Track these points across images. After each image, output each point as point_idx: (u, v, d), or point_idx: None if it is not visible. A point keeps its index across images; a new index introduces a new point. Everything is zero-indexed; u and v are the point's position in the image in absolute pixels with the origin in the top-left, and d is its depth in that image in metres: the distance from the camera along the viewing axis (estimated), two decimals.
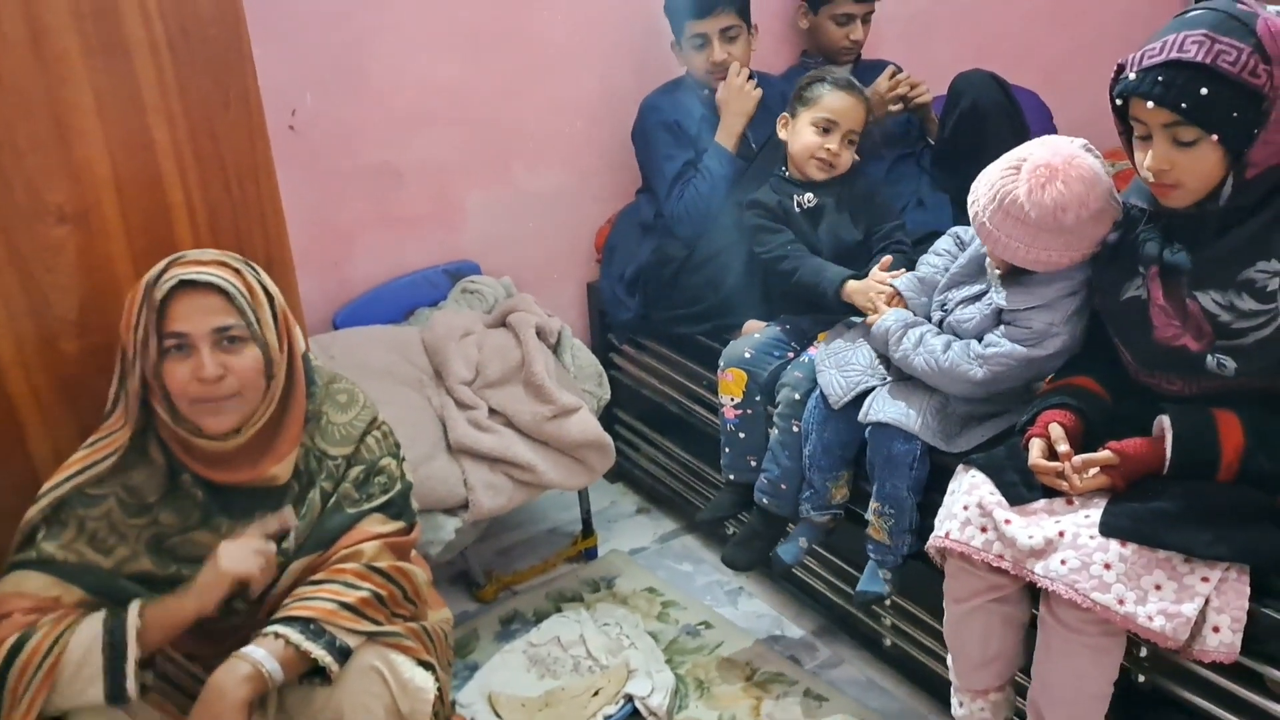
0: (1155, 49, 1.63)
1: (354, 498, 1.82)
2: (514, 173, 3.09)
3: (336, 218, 2.85)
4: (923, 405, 2.10)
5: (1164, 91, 1.60)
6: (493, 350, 2.69)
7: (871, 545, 2.20)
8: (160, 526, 1.71)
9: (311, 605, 1.69)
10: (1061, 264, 1.93)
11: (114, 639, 1.59)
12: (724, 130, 2.85)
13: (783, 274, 2.46)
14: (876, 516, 2.16)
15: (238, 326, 1.67)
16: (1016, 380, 2.04)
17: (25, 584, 1.64)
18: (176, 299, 1.65)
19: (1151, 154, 1.67)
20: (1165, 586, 1.63)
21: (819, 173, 2.46)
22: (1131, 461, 1.74)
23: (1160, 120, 1.64)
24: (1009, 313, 2.01)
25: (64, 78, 1.78)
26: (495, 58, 2.95)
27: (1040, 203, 1.85)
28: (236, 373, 1.67)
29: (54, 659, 1.56)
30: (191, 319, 1.65)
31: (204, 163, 1.95)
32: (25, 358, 1.82)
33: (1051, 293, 1.97)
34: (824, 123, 2.44)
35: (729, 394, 2.46)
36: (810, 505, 2.30)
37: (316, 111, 2.72)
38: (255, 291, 1.71)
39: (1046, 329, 1.98)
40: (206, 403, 1.67)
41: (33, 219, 1.79)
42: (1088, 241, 1.90)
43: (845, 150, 2.46)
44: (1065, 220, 1.85)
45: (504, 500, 2.54)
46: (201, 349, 1.65)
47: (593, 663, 2.46)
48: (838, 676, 2.47)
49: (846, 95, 2.43)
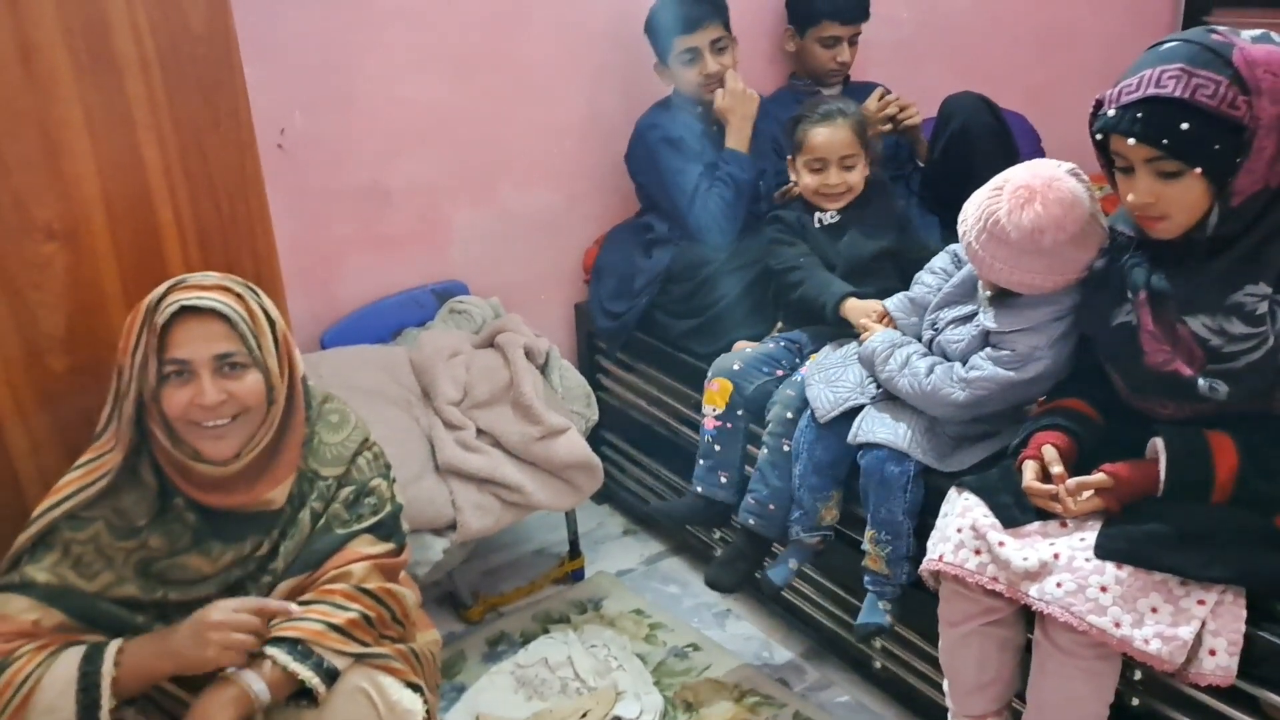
0: (1132, 85, 1.63)
1: (344, 518, 1.80)
2: (501, 193, 3.09)
3: (324, 237, 2.84)
4: (912, 424, 2.10)
5: (1144, 128, 1.61)
6: (481, 371, 2.68)
7: (869, 577, 2.19)
8: (149, 550, 1.69)
9: (300, 626, 1.67)
10: (1045, 287, 1.94)
11: (88, 683, 1.56)
12: (734, 136, 2.86)
13: (790, 285, 2.50)
14: (873, 544, 2.15)
15: (239, 353, 1.66)
16: (999, 404, 2.04)
17: (6, 607, 1.62)
18: (178, 325, 1.63)
19: (1135, 190, 1.67)
20: (1161, 609, 1.63)
21: (834, 204, 2.53)
22: (1126, 484, 1.74)
23: (1142, 155, 1.65)
24: (995, 335, 2.02)
25: (54, 94, 1.77)
26: (483, 79, 2.95)
27: (1019, 224, 1.86)
28: (238, 398, 1.65)
29: (26, 693, 1.54)
30: (193, 345, 1.63)
31: (194, 181, 1.94)
32: (11, 375, 1.81)
33: (1038, 316, 1.97)
34: (814, 163, 2.51)
35: (712, 404, 2.48)
36: (800, 526, 2.29)
37: (305, 131, 2.71)
38: (257, 317, 1.69)
39: (1030, 352, 1.98)
40: (206, 427, 1.65)
41: (21, 236, 1.78)
42: (1070, 265, 1.91)
43: (848, 174, 2.50)
44: (1043, 242, 1.86)
45: (492, 521, 2.53)
46: (202, 375, 1.63)
47: (580, 684, 2.44)
48: (827, 699, 2.46)
49: (825, 127, 2.48)
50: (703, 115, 2.92)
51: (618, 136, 3.08)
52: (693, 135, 2.91)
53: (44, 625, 1.62)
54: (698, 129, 2.92)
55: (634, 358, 3.07)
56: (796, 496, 2.28)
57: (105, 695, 1.56)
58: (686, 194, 2.84)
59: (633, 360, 3.08)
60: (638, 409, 3.09)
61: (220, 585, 1.72)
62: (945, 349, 2.12)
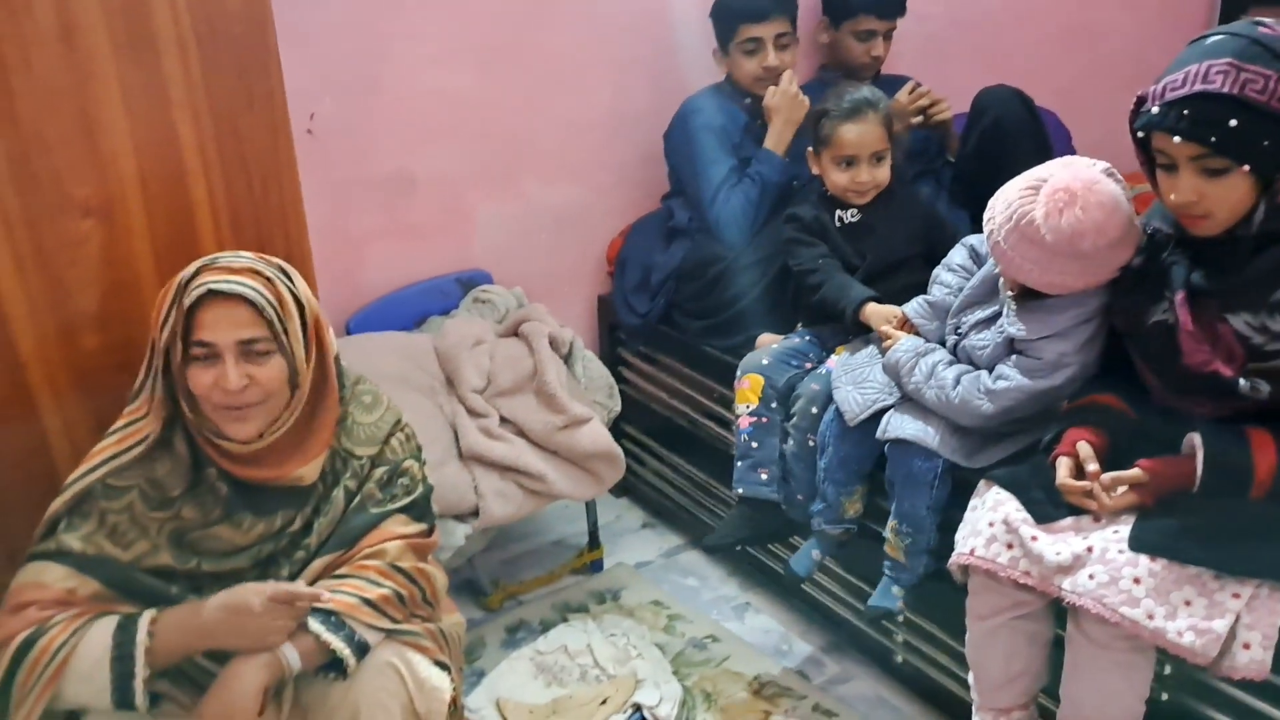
0: (1178, 80, 1.61)
1: (378, 498, 1.82)
2: (526, 185, 3.09)
3: (350, 223, 2.85)
4: (941, 421, 2.09)
5: (1190, 126, 1.59)
6: (505, 359, 2.69)
7: (888, 563, 2.19)
8: (182, 520, 1.70)
9: (334, 598, 1.69)
10: (1076, 288, 1.91)
11: (122, 653, 1.58)
12: (774, 137, 2.84)
13: (809, 287, 2.45)
14: (894, 535, 2.15)
15: (264, 339, 1.65)
16: (1027, 411, 2.01)
17: (43, 575, 1.63)
18: (205, 307, 1.63)
19: (1178, 189, 1.65)
20: (1195, 602, 1.62)
21: (862, 200, 2.47)
22: (1161, 480, 1.72)
23: (1187, 153, 1.62)
24: (1021, 342, 1.99)
25: (92, 72, 1.78)
26: (509, 71, 2.95)
27: (1057, 228, 1.82)
28: (261, 383, 1.66)
29: (62, 661, 1.56)
30: (218, 329, 1.63)
31: (227, 162, 1.95)
32: (46, 351, 1.82)
33: (1065, 320, 1.95)
34: (843, 159, 2.43)
35: (745, 401, 2.43)
36: (823, 519, 2.29)
37: (334, 117, 2.72)
38: (285, 302, 1.68)
39: (1058, 359, 1.96)
40: (230, 409, 1.66)
41: (58, 213, 1.79)
42: (1105, 268, 1.88)
43: (876, 170, 2.44)
44: (1082, 247, 1.82)
45: (514, 508, 2.53)
46: (227, 359, 1.63)
47: (600, 672, 2.45)
48: (847, 692, 2.46)
49: (856, 123, 2.41)
50: (750, 108, 2.92)
51: (643, 130, 3.08)
52: (735, 127, 2.90)
53: (79, 594, 1.63)
54: (742, 121, 2.92)
55: (656, 350, 3.07)
56: (820, 489, 2.28)
57: (139, 665, 1.57)
58: (713, 185, 2.84)
59: (654, 353, 3.08)
60: (659, 402, 3.09)
61: (253, 558, 1.73)
62: (970, 354, 2.09)
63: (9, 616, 1.61)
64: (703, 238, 2.90)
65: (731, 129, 2.89)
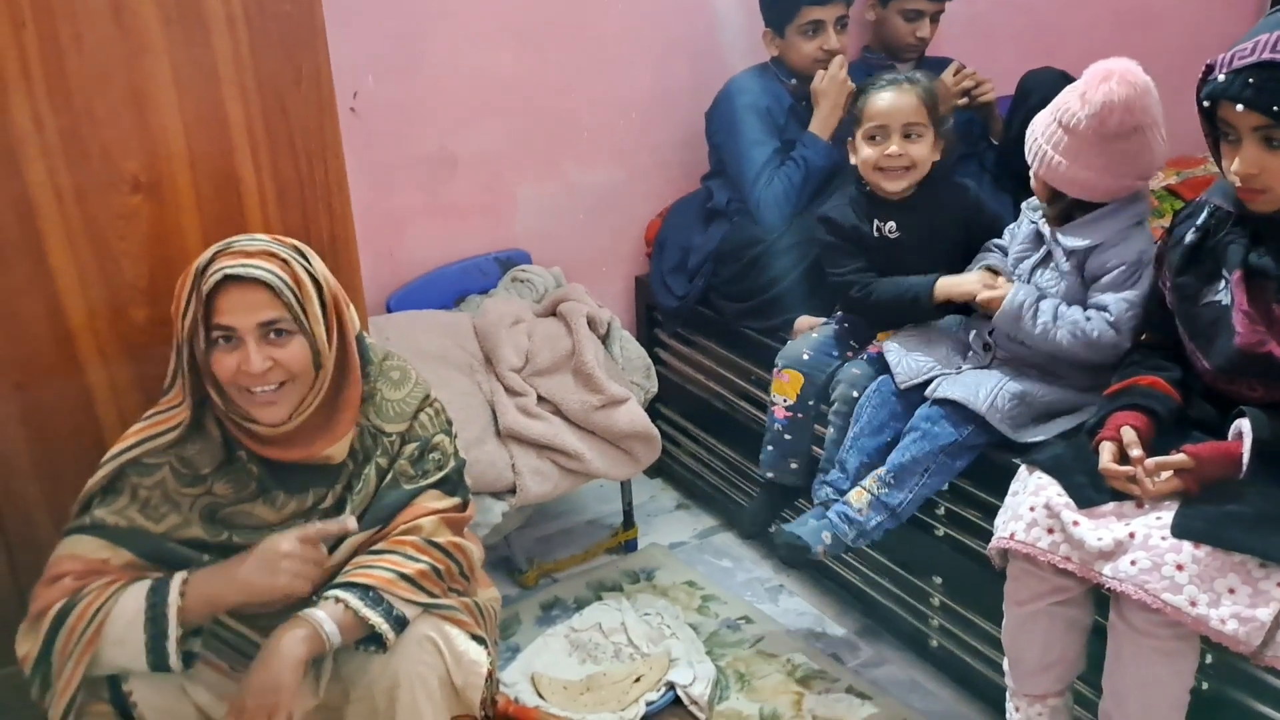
0: (1246, 49, 1.60)
1: (410, 474, 1.83)
2: (565, 166, 3.11)
3: (392, 202, 2.87)
4: (996, 389, 2.07)
5: (1255, 94, 1.57)
6: (543, 338, 2.70)
7: (840, 505, 2.18)
8: (214, 497, 1.72)
9: (372, 574, 1.70)
10: (1099, 188, 1.98)
11: (156, 614, 1.60)
12: (819, 122, 2.83)
13: (855, 300, 2.35)
14: (873, 480, 2.15)
15: (284, 320, 1.66)
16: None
17: (77, 547, 1.66)
18: (223, 292, 1.64)
19: (1240, 158, 1.64)
20: (1239, 590, 1.61)
21: (894, 183, 2.29)
22: (1207, 465, 1.71)
23: (1250, 123, 1.61)
24: (1091, 260, 2.04)
25: (142, 48, 1.79)
26: (551, 51, 2.96)
27: (1091, 100, 1.91)
28: (284, 364, 1.67)
29: (97, 626, 1.58)
30: (237, 314, 1.64)
31: (274, 139, 1.96)
32: (96, 324, 1.84)
33: (1110, 228, 2.02)
34: (873, 130, 2.28)
35: (783, 394, 2.44)
36: (831, 489, 2.26)
37: (376, 95, 2.74)
38: (303, 283, 1.68)
39: (1139, 258, 2.01)
40: (255, 393, 1.67)
41: (108, 188, 1.80)
42: (1127, 167, 1.96)
43: (911, 146, 2.26)
44: (1110, 122, 1.90)
45: (550, 487, 2.55)
46: (248, 342, 1.64)
47: (634, 650, 2.46)
48: (881, 676, 2.46)
49: (888, 92, 2.27)
50: (795, 89, 2.91)
51: (683, 111, 3.08)
52: (780, 109, 2.89)
53: (113, 563, 1.66)
54: (787, 103, 2.91)
55: (693, 332, 3.08)
56: (841, 456, 2.26)
57: (172, 625, 1.60)
58: (755, 166, 2.83)
59: (691, 334, 3.09)
60: (696, 383, 3.09)
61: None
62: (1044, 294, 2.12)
63: (45, 588, 1.64)
64: (741, 219, 2.89)
65: (776, 110, 2.88)
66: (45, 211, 1.75)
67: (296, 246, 1.73)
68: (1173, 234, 1.90)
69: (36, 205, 1.75)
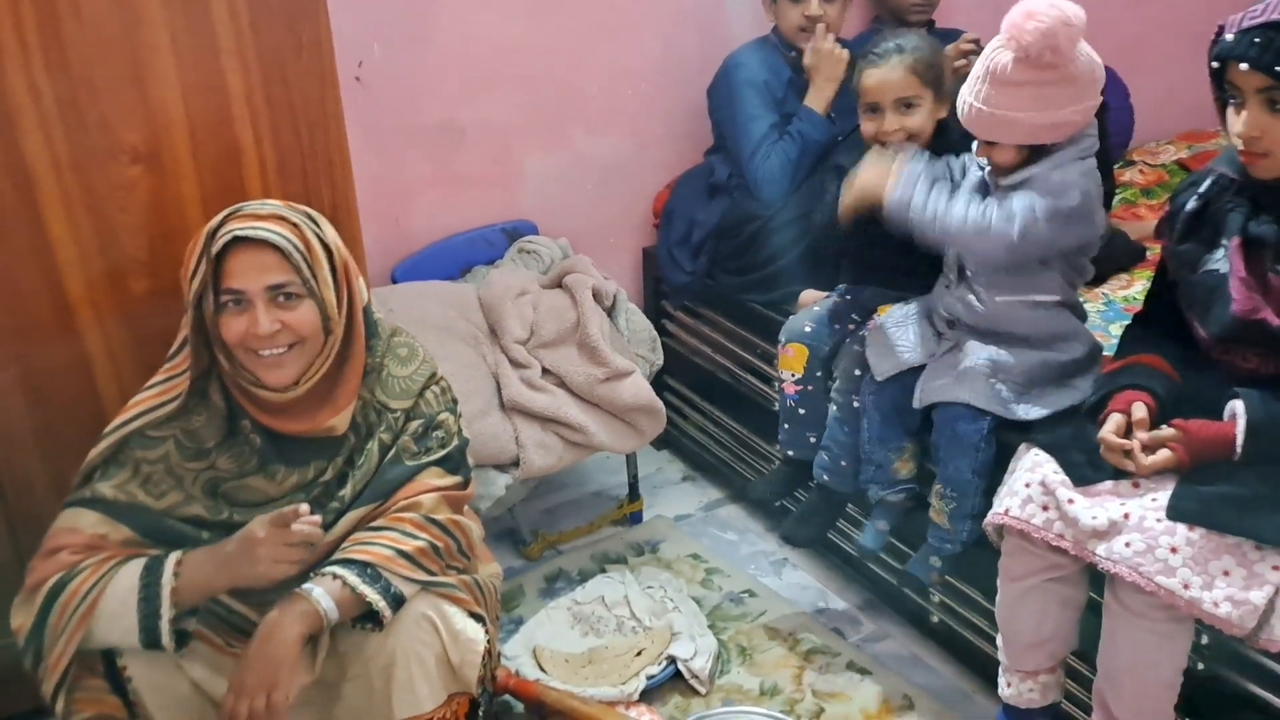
0: (1257, 10, 1.59)
1: (413, 450, 1.83)
2: (574, 136, 3.09)
3: (398, 172, 2.86)
4: (973, 376, 2.06)
5: (1260, 54, 1.56)
6: (548, 311, 2.69)
7: (931, 529, 2.18)
8: (216, 471, 1.73)
9: (370, 550, 1.71)
10: (1072, 122, 1.91)
11: (149, 593, 1.61)
12: (815, 94, 2.80)
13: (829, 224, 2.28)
14: (939, 499, 2.13)
15: (293, 284, 1.67)
16: (1046, 244, 1.97)
17: (76, 520, 1.67)
18: (233, 255, 1.64)
19: (1243, 119, 1.63)
20: (1234, 573, 1.60)
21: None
22: (1196, 440, 1.70)
23: (1254, 84, 1.60)
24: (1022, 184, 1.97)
25: (142, 17, 1.79)
26: (559, 20, 2.94)
27: (1026, 44, 1.82)
28: (292, 328, 1.67)
29: (91, 601, 1.59)
30: (247, 276, 1.65)
31: (275, 109, 1.96)
32: (95, 296, 1.85)
33: (1052, 161, 1.95)
34: (867, 106, 2.27)
35: (789, 369, 2.42)
36: (877, 485, 2.27)
37: (382, 64, 2.73)
38: (313, 247, 1.69)
39: (1063, 179, 1.94)
40: (263, 355, 1.67)
41: (107, 158, 1.81)
42: (1053, 102, 1.87)
43: (907, 118, 2.22)
44: (1059, 47, 1.81)
45: (554, 460, 2.55)
46: (257, 305, 1.65)
47: (636, 623, 2.47)
48: (881, 651, 2.47)
49: (875, 67, 2.23)
50: (795, 61, 2.87)
51: (693, 81, 3.05)
52: (779, 82, 2.86)
53: (111, 539, 1.67)
54: (786, 76, 2.87)
55: (700, 304, 3.07)
56: (866, 452, 2.26)
57: (165, 604, 1.61)
58: (753, 141, 2.81)
59: (698, 306, 3.08)
60: (702, 355, 3.09)
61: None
62: None
63: (42, 560, 1.65)
64: (741, 195, 2.88)
65: (775, 84, 2.85)
66: (43, 182, 1.76)
67: (308, 212, 1.74)
68: (1175, 201, 1.89)
69: (35, 176, 1.76)
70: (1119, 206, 3.30)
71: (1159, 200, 3.32)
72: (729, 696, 2.32)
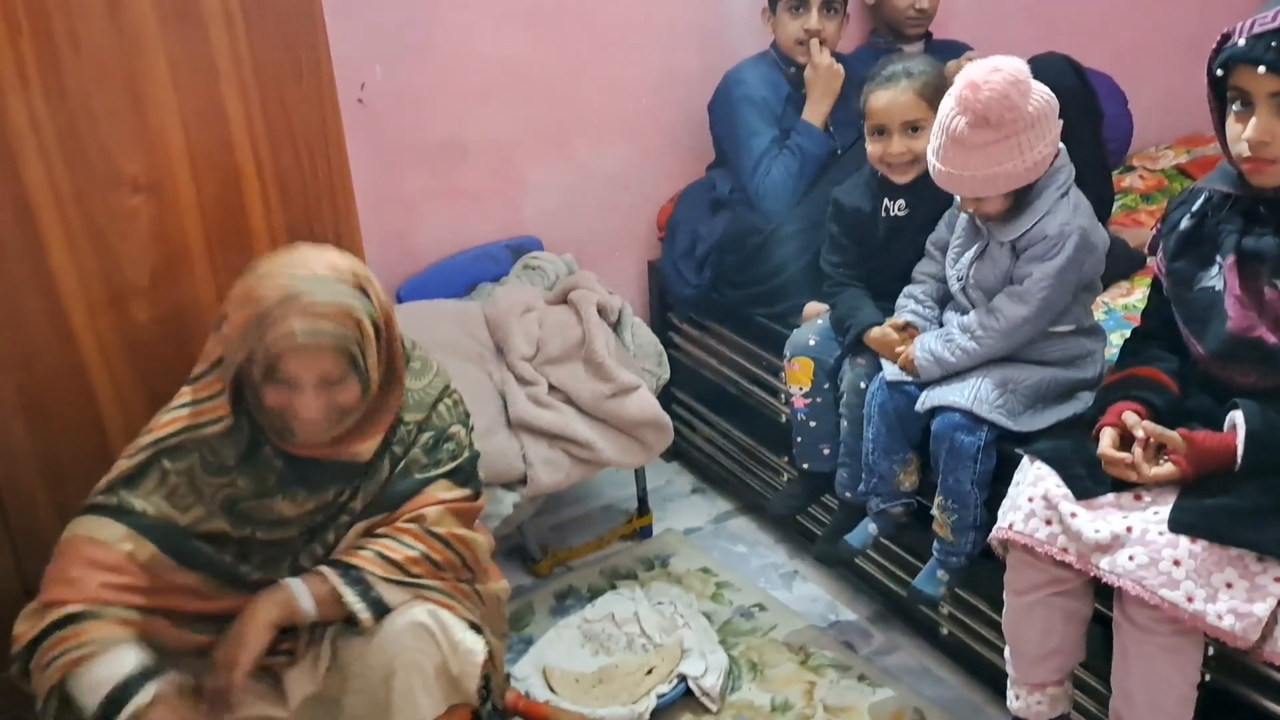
0: (1268, 17, 1.59)
1: (422, 463, 1.83)
2: (577, 150, 3.09)
3: (402, 190, 2.87)
4: (981, 384, 2.06)
5: (1277, 57, 1.56)
6: (554, 327, 2.69)
7: (936, 542, 2.17)
8: (236, 489, 1.72)
9: (358, 554, 1.73)
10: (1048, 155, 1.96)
11: (114, 702, 1.58)
12: (812, 108, 2.82)
13: (827, 294, 2.44)
14: (941, 511, 2.13)
15: (345, 373, 1.65)
16: (1069, 293, 2.04)
17: (104, 531, 1.66)
18: (290, 354, 1.60)
19: (1254, 123, 1.62)
20: (1236, 585, 1.60)
21: (901, 175, 2.31)
22: (1200, 451, 1.69)
23: (1268, 89, 1.60)
24: (1020, 240, 2.02)
25: (140, 46, 1.80)
26: (560, 34, 2.95)
27: (983, 113, 1.88)
28: (336, 405, 1.67)
29: (79, 657, 1.59)
30: (301, 373, 1.62)
31: (275, 134, 1.96)
32: (97, 323, 1.86)
33: (1039, 210, 1.99)
34: (874, 128, 2.30)
35: (797, 383, 2.42)
36: (879, 497, 2.26)
37: (385, 84, 2.74)
38: (366, 333, 1.65)
39: (1060, 230, 1.98)
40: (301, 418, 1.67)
41: (107, 188, 1.82)
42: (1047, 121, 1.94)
43: (913, 141, 2.25)
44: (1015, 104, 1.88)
45: (562, 476, 2.55)
46: (306, 391, 1.63)
47: (646, 641, 2.46)
48: (892, 663, 2.46)
49: (883, 90, 2.27)
50: (793, 77, 2.89)
51: (694, 93, 3.05)
52: (777, 97, 2.87)
53: (137, 558, 1.66)
54: (784, 91, 2.89)
55: (706, 316, 3.07)
56: (869, 462, 2.25)
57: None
58: (754, 156, 2.83)
59: (704, 319, 3.08)
60: (709, 367, 3.09)
61: (302, 527, 1.77)
62: (984, 288, 2.11)
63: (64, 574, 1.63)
64: (743, 209, 2.88)
65: (773, 99, 2.86)
66: (44, 212, 1.77)
67: (360, 280, 1.69)
68: (1168, 219, 1.89)
69: (35, 206, 1.76)
70: (1119, 213, 3.29)
71: (1158, 205, 3.31)
72: (740, 713, 2.32)
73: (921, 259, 2.32)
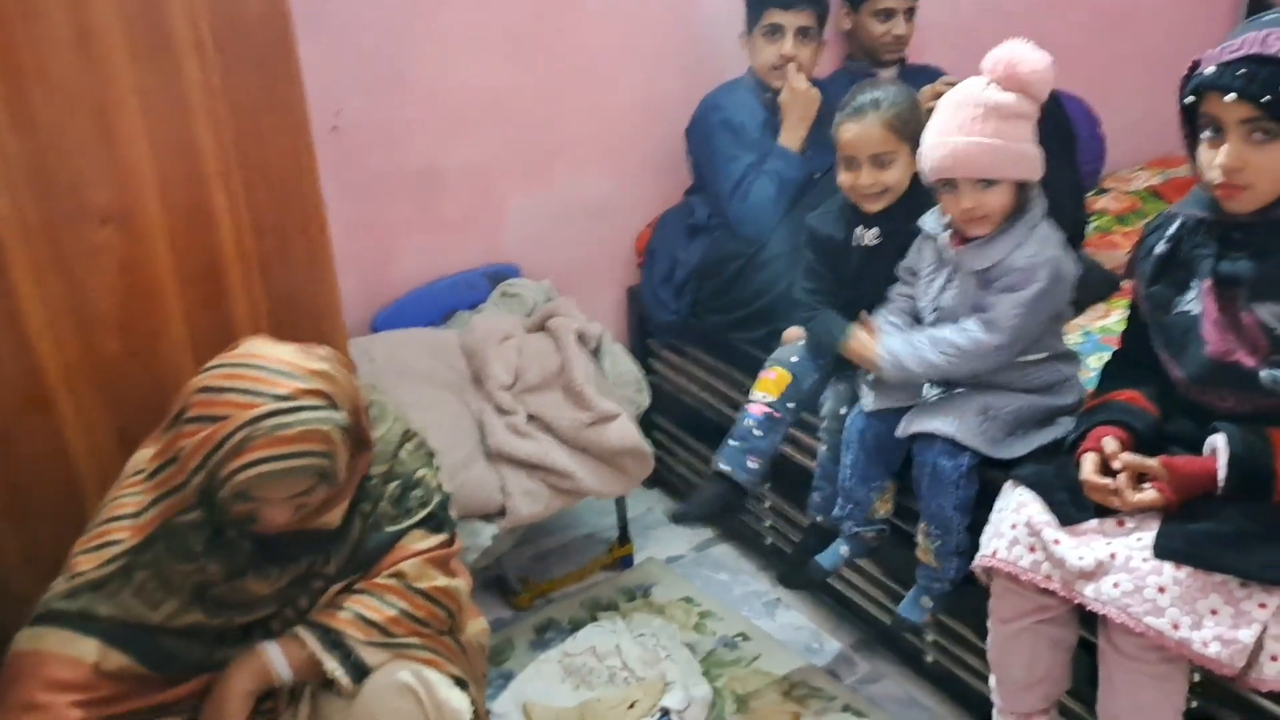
0: (1235, 45, 1.60)
1: (392, 514, 1.77)
2: (555, 176, 3.08)
3: (378, 219, 2.85)
4: (963, 410, 2.05)
5: (1245, 84, 1.57)
6: (532, 355, 2.68)
7: (919, 568, 2.15)
8: (207, 575, 1.65)
9: (337, 616, 1.69)
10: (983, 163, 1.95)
11: None
12: (788, 133, 2.83)
13: (799, 320, 2.43)
14: (924, 537, 2.11)
15: (316, 485, 1.60)
16: (1040, 323, 2.03)
17: (65, 646, 1.58)
18: (258, 483, 1.54)
19: (1225, 150, 1.62)
20: (1221, 611, 1.59)
21: (871, 205, 2.26)
22: (1180, 477, 1.69)
23: (1238, 115, 1.60)
24: (990, 271, 2.02)
25: (110, 78, 1.77)
26: (538, 61, 2.94)
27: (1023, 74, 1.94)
28: (306, 505, 1.62)
29: None
30: (270, 495, 1.57)
31: (248, 166, 1.93)
32: (66, 357, 1.81)
33: (1010, 241, 2.00)
34: (844, 160, 2.25)
35: (765, 391, 2.41)
36: (853, 521, 2.24)
37: (360, 113, 2.72)
38: (337, 445, 1.59)
39: (1030, 263, 1.98)
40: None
41: (76, 221, 1.78)
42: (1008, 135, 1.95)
43: (880, 173, 2.21)
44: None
45: (541, 507, 2.53)
46: (275, 505, 1.59)
47: (629, 674, 2.43)
48: (877, 692, 2.44)
49: (853, 122, 2.22)
50: (770, 102, 2.89)
51: (673, 119, 3.05)
52: (754, 123, 2.88)
53: (105, 669, 1.58)
54: (761, 116, 2.90)
55: (686, 342, 3.06)
56: (845, 489, 2.24)
57: None
58: (732, 181, 2.83)
59: (684, 344, 3.07)
60: (689, 393, 3.07)
61: (278, 601, 1.72)
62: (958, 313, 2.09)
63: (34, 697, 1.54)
64: (721, 234, 2.89)
65: (750, 125, 2.87)
66: (11, 245, 1.73)
67: (323, 378, 1.61)
68: (1144, 244, 1.89)
69: (3, 239, 1.72)
70: (1093, 235, 3.31)
71: (1133, 227, 3.34)
72: None
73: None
